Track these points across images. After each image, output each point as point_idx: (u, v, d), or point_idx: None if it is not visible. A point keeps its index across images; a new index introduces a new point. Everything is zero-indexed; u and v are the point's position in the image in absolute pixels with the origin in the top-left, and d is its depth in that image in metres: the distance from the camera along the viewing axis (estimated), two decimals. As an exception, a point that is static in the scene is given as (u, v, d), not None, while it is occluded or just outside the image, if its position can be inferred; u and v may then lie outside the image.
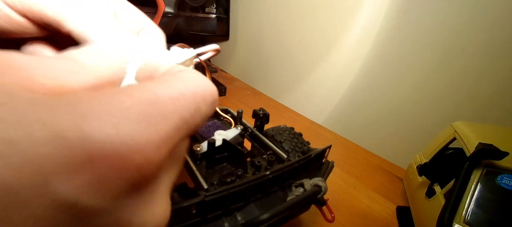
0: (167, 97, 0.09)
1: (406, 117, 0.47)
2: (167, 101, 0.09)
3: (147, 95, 0.08)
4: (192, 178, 0.22)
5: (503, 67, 0.36)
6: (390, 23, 0.46)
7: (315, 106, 0.62)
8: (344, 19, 0.52)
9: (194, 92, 0.10)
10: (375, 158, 0.50)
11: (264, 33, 0.71)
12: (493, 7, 0.35)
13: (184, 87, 0.10)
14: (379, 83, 0.50)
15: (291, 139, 0.30)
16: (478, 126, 0.31)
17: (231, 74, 0.86)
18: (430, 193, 0.30)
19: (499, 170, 0.24)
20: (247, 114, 0.32)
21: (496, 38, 0.36)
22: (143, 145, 0.08)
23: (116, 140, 0.07)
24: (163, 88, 0.09)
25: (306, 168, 0.26)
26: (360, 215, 0.36)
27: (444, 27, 0.40)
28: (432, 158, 0.33)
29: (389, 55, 0.47)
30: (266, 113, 0.31)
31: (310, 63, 0.61)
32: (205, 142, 0.25)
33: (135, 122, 0.08)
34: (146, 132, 0.08)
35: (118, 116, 0.07)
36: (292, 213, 0.25)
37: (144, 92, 0.08)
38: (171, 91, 0.09)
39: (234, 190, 0.19)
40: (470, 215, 0.23)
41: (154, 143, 0.08)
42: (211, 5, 0.74)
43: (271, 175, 0.22)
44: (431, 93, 0.43)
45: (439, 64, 0.42)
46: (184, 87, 0.10)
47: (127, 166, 0.07)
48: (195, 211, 0.18)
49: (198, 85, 0.10)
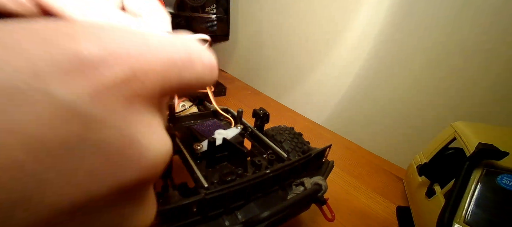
0: (159, 35, 0.09)
1: (406, 117, 0.47)
2: (159, 37, 0.09)
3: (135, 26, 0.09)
4: (193, 177, 0.22)
5: (503, 67, 0.36)
6: (390, 24, 0.46)
7: (315, 106, 0.62)
8: (344, 19, 0.52)
9: (189, 47, 0.10)
10: (375, 158, 0.50)
11: (264, 33, 0.71)
12: (493, 7, 0.35)
13: (178, 39, 0.09)
14: (379, 84, 0.50)
15: (291, 138, 0.30)
16: (478, 126, 0.31)
17: (231, 74, 0.86)
18: (430, 193, 0.30)
19: (499, 170, 0.24)
20: (247, 114, 0.32)
21: (497, 38, 0.36)
22: (134, 58, 0.08)
23: (103, 51, 0.07)
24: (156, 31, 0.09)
25: (306, 167, 0.26)
26: (360, 215, 0.36)
27: (444, 28, 0.40)
28: (432, 158, 0.33)
29: (389, 55, 0.47)
30: (266, 113, 0.31)
31: (310, 63, 0.61)
32: (205, 141, 0.25)
33: (121, 37, 0.08)
34: (135, 44, 0.08)
35: (104, 33, 0.08)
36: (293, 212, 0.25)
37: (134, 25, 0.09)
38: (164, 35, 0.09)
39: (235, 189, 0.19)
40: (470, 215, 0.23)
41: (149, 60, 0.08)
42: (211, 5, 0.74)
43: (272, 174, 0.22)
44: (431, 94, 0.44)
45: (439, 65, 0.42)
46: (179, 39, 0.10)
47: (120, 73, 0.07)
48: (196, 209, 0.18)
49: (196, 45, 0.10)
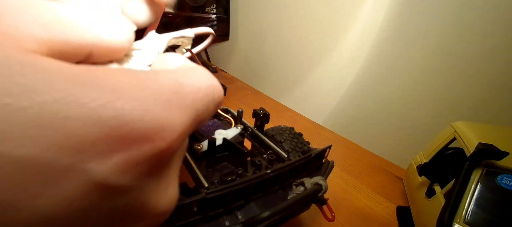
0: (188, 88, 0.09)
1: (406, 116, 0.47)
2: (188, 92, 0.09)
3: (172, 83, 0.09)
4: (193, 177, 0.22)
5: (504, 67, 0.36)
6: (390, 24, 0.46)
7: (315, 106, 0.62)
8: (344, 19, 0.52)
9: (208, 90, 0.10)
10: (375, 158, 0.50)
11: (264, 33, 0.71)
12: (493, 7, 0.35)
13: (201, 83, 0.10)
14: (379, 83, 0.50)
15: (291, 138, 0.30)
16: (478, 126, 0.31)
17: (231, 74, 0.86)
18: (430, 193, 0.30)
19: (499, 170, 0.24)
20: (247, 114, 0.32)
21: (497, 38, 0.36)
22: (168, 129, 0.08)
23: (146, 121, 0.07)
24: (185, 79, 0.09)
25: (306, 167, 0.26)
26: (360, 215, 0.36)
27: (444, 27, 0.40)
28: (432, 158, 0.33)
29: (389, 55, 0.47)
30: (266, 113, 0.31)
31: (310, 63, 0.61)
32: (205, 141, 0.25)
33: (163, 106, 0.08)
34: (171, 117, 0.08)
35: (149, 98, 0.08)
36: (293, 212, 0.25)
37: (169, 79, 0.09)
38: (191, 84, 0.09)
39: (235, 189, 0.19)
40: (470, 215, 0.23)
41: (176, 129, 0.08)
42: (211, 5, 0.74)
43: (272, 174, 0.22)
44: (431, 93, 0.44)
45: (439, 64, 0.42)
46: (201, 83, 0.10)
47: (154, 147, 0.08)
48: (197, 208, 0.18)
49: (212, 84, 0.11)
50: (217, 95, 0.11)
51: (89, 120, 0.06)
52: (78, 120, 0.06)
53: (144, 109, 0.07)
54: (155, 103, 0.08)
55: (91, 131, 0.06)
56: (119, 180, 0.07)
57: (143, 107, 0.07)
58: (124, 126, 0.07)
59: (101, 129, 0.06)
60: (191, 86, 0.09)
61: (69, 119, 0.06)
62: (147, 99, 0.07)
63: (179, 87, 0.09)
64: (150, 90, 0.08)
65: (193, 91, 0.09)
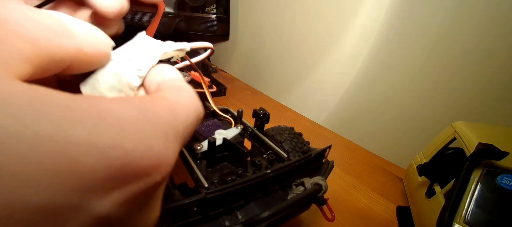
0: (180, 117, 0.10)
1: (406, 116, 0.48)
2: (180, 122, 0.09)
3: (168, 114, 0.09)
4: (193, 177, 0.22)
5: (504, 67, 0.36)
6: (390, 24, 0.46)
7: (315, 106, 0.62)
8: (344, 19, 0.52)
9: (195, 114, 0.11)
10: (375, 158, 0.50)
11: (264, 33, 0.71)
12: (492, 6, 0.35)
13: (190, 109, 0.10)
14: (379, 83, 0.50)
15: (291, 138, 0.30)
16: (478, 126, 0.31)
17: (231, 74, 0.86)
18: (430, 193, 0.30)
19: (499, 170, 0.24)
20: (247, 114, 0.32)
21: (497, 38, 0.36)
22: (164, 163, 0.08)
23: (147, 159, 0.07)
24: (177, 106, 0.10)
25: (306, 167, 0.26)
26: (360, 215, 0.36)
27: (443, 27, 0.40)
28: (432, 158, 0.33)
29: (389, 55, 0.47)
30: (266, 113, 0.31)
31: (310, 63, 0.61)
32: (205, 141, 0.25)
33: (161, 141, 0.08)
34: (168, 151, 0.08)
35: (150, 133, 0.08)
36: (293, 212, 0.25)
37: (165, 109, 0.09)
38: (182, 111, 0.10)
39: (235, 189, 0.19)
40: (470, 215, 0.23)
41: (171, 161, 0.09)
42: (211, 5, 0.74)
43: (272, 174, 0.22)
44: (431, 93, 0.44)
45: (439, 64, 0.42)
46: (190, 108, 0.10)
47: (150, 181, 0.08)
48: (197, 208, 0.18)
49: (197, 108, 0.11)
50: (200, 116, 0.11)
51: (99, 162, 0.06)
52: (89, 162, 0.06)
53: (146, 146, 0.07)
54: (155, 140, 0.08)
55: (99, 171, 0.06)
56: (116, 213, 0.07)
57: (145, 145, 0.07)
58: (128, 165, 0.07)
59: (108, 170, 0.06)
60: (182, 113, 0.10)
61: (81, 162, 0.06)
62: (148, 135, 0.08)
63: (173, 117, 0.09)
64: (151, 124, 0.08)
65: (183, 119, 0.10)
